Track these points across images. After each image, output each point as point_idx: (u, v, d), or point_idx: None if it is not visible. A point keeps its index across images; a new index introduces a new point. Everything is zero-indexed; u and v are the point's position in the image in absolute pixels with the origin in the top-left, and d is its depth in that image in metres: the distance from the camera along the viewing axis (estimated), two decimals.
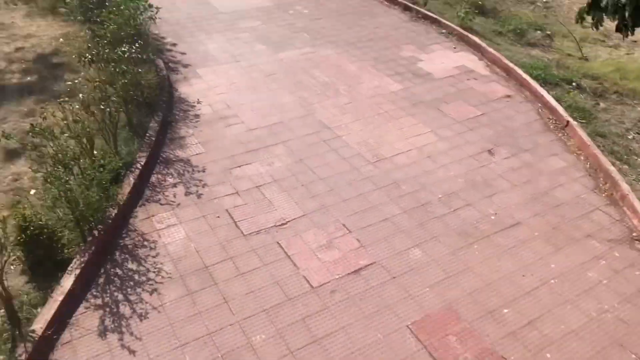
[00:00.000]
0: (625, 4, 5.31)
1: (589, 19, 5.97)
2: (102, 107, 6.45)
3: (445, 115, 8.47)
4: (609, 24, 6.24)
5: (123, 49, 7.16)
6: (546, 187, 6.93)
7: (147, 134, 7.38)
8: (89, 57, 7.09)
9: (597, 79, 9.68)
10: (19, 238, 5.04)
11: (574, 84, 9.36)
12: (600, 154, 7.35)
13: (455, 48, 10.80)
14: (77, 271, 5.14)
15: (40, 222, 5.14)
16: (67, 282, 5.01)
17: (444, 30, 11.53)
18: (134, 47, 7.29)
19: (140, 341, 4.70)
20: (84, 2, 10.05)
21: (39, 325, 4.60)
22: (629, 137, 8.06)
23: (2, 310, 4.75)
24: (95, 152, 6.26)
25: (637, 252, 5.92)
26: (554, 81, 9.32)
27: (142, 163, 6.79)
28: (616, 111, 8.77)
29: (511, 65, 9.77)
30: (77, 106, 6.33)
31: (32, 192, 6.40)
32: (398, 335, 4.84)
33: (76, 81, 7.23)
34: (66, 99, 6.26)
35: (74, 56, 8.42)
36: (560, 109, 8.38)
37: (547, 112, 8.62)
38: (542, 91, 8.91)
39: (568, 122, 8.09)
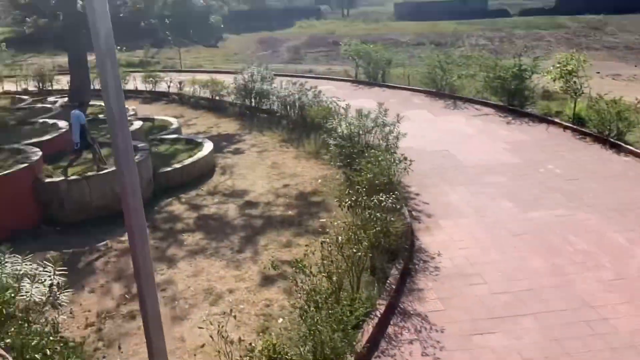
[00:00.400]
0: None
1: None
2: (354, 250, 6.72)
3: None
4: None
5: (380, 197, 7.56)
6: None
7: (388, 282, 7.37)
8: (349, 202, 7.65)
9: None
10: None
11: None
12: None
13: None
14: None
15: (286, 356, 5.27)
16: None
17: None
18: (391, 197, 7.64)
19: None
20: (344, 150, 11.26)
21: None
22: None
23: None
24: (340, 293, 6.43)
25: None
26: None
27: (381, 312, 6.70)
28: None
29: None
30: (330, 245, 6.73)
31: (280, 320, 6.79)
32: None
33: (335, 224, 7.78)
34: (326, 239, 6.70)
35: (336, 200, 9.22)
36: None
37: None
38: None
39: None
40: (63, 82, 23.00)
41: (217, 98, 19.62)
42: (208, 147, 13.14)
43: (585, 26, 39.86)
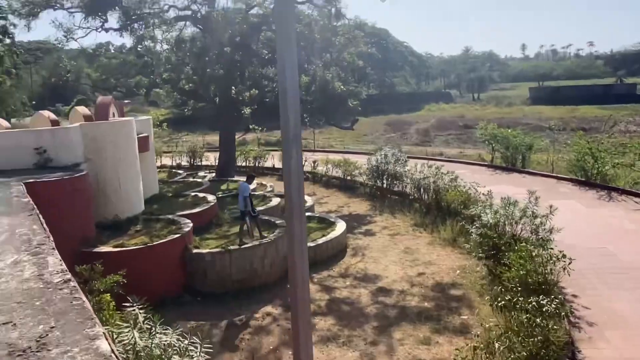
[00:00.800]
0: None
1: None
2: None
3: None
4: None
5: (540, 300, 6.70)
6: None
7: None
8: (501, 302, 6.88)
9: None
10: None
11: None
12: None
13: None
14: None
15: None
16: None
17: None
18: (553, 300, 6.74)
19: None
20: (488, 240, 10.44)
21: None
22: None
23: None
24: None
25: None
26: None
27: None
28: None
29: None
30: (482, 352, 5.99)
31: None
32: None
33: (486, 327, 7.02)
34: (479, 345, 5.99)
35: (486, 298, 8.44)
36: None
37: None
38: None
39: None
40: (211, 158, 25.27)
41: (348, 178, 19.96)
42: (341, 227, 13.13)
43: None
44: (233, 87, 18.34)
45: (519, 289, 7.31)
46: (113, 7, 15.02)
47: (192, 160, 25.59)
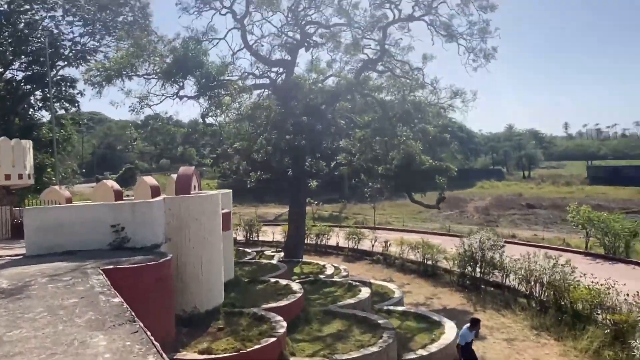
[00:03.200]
0: None
1: None
2: None
3: None
4: None
5: None
6: None
7: None
8: None
9: None
10: None
11: None
12: None
13: None
14: None
15: None
16: None
17: None
18: None
19: None
20: None
21: None
22: None
23: None
24: None
25: None
26: None
27: None
28: None
29: None
30: None
31: None
32: None
33: None
34: None
35: None
36: None
37: None
38: None
39: None
40: (268, 232, 23.61)
41: (428, 262, 17.78)
42: (451, 329, 10.84)
43: None
44: (307, 159, 16.96)
45: None
46: (194, 72, 14.13)
47: (248, 234, 23.96)
